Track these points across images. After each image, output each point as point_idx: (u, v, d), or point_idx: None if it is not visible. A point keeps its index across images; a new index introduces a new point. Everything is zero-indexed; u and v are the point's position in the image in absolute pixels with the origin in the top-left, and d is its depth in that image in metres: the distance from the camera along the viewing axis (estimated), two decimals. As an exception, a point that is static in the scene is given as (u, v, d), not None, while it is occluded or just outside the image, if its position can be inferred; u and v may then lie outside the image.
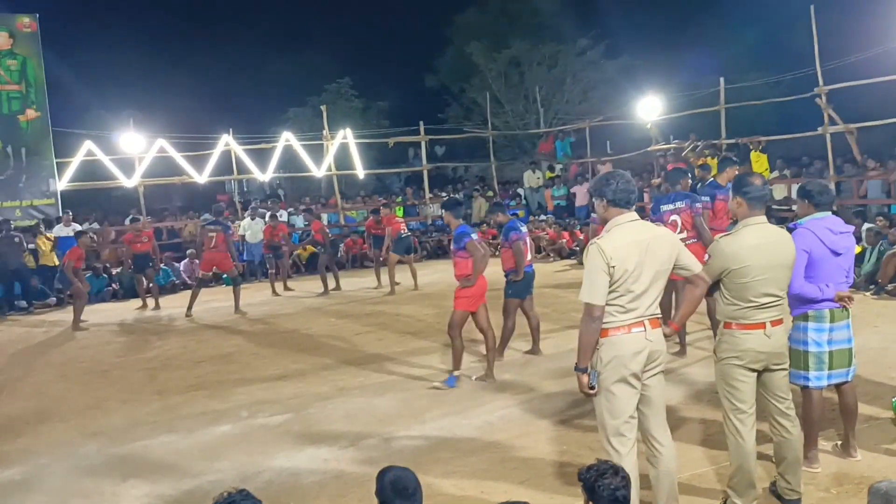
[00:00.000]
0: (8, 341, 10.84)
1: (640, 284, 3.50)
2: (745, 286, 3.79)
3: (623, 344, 3.52)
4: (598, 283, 3.49)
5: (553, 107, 23.48)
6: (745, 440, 3.84)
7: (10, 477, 5.35)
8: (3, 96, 16.00)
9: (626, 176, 3.68)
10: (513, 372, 7.12)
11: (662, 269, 3.58)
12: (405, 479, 2.87)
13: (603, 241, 3.55)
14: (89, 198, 18.86)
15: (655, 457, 3.69)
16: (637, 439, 3.63)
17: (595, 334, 3.53)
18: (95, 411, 6.89)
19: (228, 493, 2.58)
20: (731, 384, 3.87)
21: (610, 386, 3.55)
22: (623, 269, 3.47)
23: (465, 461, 4.98)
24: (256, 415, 6.36)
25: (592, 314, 3.51)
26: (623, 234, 3.56)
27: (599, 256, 3.48)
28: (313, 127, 21.03)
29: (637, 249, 3.50)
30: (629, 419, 3.57)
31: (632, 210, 3.66)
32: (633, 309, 3.51)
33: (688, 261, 3.69)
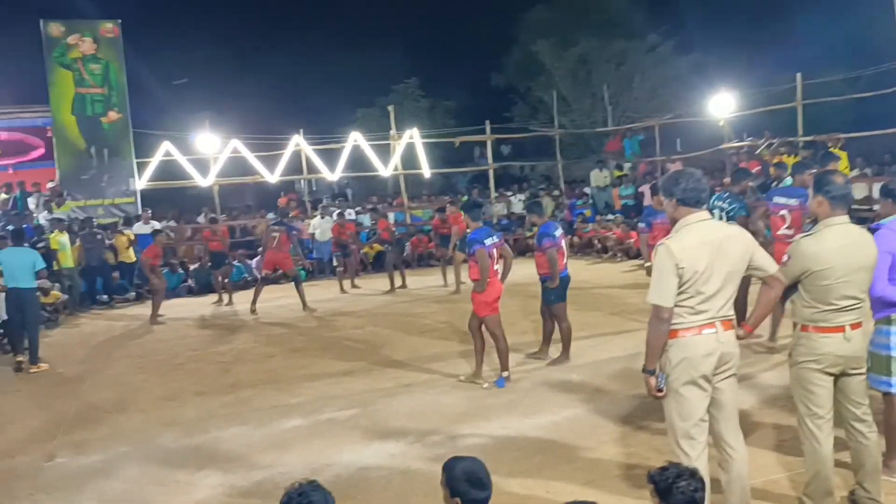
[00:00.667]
0: (90, 334, 11.34)
1: (710, 286, 3.41)
2: (826, 289, 3.64)
3: (693, 345, 3.44)
4: (666, 284, 3.41)
5: (621, 105, 23.08)
6: (821, 446, 3.71)
7: (92, 464, 5.59)
8: (87, 99, 16.76)
9: (697, 174, 3.58)
10: (579, 373, 7.04)
11: (735, 270, 3.48)
12: (478, 470, 2.84)
13: (672, 241, 3.47)
14: (166, 196, 19.53)
15: (727, 461, 3.59)
16: (708, 443, 3.54)
17: (663, 336, 3.46)
18: (171, 402, 7.14)
19: (300, 485, 2.63)
20: (808, 388, 3.73)
21: (679, 388, 3.47)
22: (693, 270, 3.39)
23: (531, 461, 4.96)
24: (324, 409, 6.48)
25: (660, 316, 3.44)
26: (693, 234, 3.47)
27: (668, 257, 3.41)
28: (381, 127, 21.26)
29: (708, 250, 3.41)
30: (699, 422, 3.49)
31: (702, 209, 3.57)
32: (703, 310, 3.43)
33: (763, 261, 3.57)
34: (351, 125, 22.08)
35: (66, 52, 16.59)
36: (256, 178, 18.56)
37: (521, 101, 25.06)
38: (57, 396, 7.68)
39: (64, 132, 16.66)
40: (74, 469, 5.51)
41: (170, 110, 21.50)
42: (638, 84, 23.23)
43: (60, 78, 16.59)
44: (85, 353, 9.80)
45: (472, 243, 6.73)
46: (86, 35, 16.73)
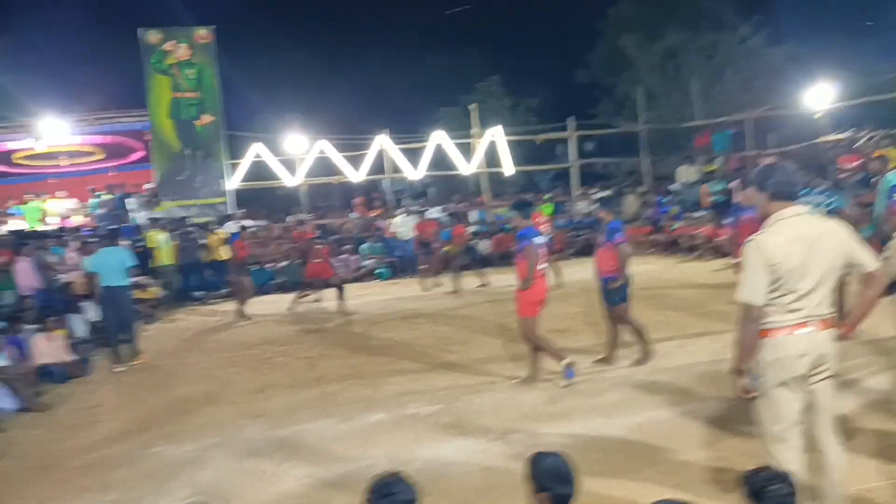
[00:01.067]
0: (185, 328, 11.85)
1: (805, 283, 3.24)
2: None
3: (786, 345, 3.28)
4: (756, 281, 3.27)
5: (711, 99, 22.34)
6: None
7: (184, 453, 5.82)
8: (182, 103, 17.53)
9: (790, 167, 3.43)
10: (664, 374, 6.84)
11: (832, 267, 3.30)
12: (564, 465, 2.82)
13: (763, 236, 3.32)
14: (256, 196, 20.22)
15: (823, 467, 3.40)
16: (803, 448, 3.37)
17: (753, 335, 3.31)
18: (259, 395, 7.37)
19: (385, 476, 2.66)
20: None
21: (771, 389, 3.32)
22: (786, 266, 3.23)
23: (613, 461, 4.86)
24: (407, 405, 6.53)
25: (751, 314, 3.29)
26: (786, 229, 3.30)
27: (758, 253, 3.26)
28: (463, 125, 21.33)
29: (802, 246, 3.25)
30: (792, 426, 3.32)
31: (796, 203, 3.39)
32: (797, 309, 3.26)
33: (862, 257, 3.37)
34: (434, 124, 22.24)
35: (163, 59, 17.41)
36: (341, 178, 18.96)
37: (605, 97, 24.62)
38: (152, 389, 8.05)
39: (161, 135, 17.49)
40: (168, 458, 5.75)
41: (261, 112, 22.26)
42: (729, 77, 22.41)
43: (158, 83, 17.41)
44: (179, 348, 10.24)
45: (520, 240, 6.70)
46: (181, 41, 17.50)
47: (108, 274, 9.13)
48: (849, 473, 3.54)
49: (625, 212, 19.02)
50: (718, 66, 22.42)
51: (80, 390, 8.23)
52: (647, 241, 17.17)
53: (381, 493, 2.58)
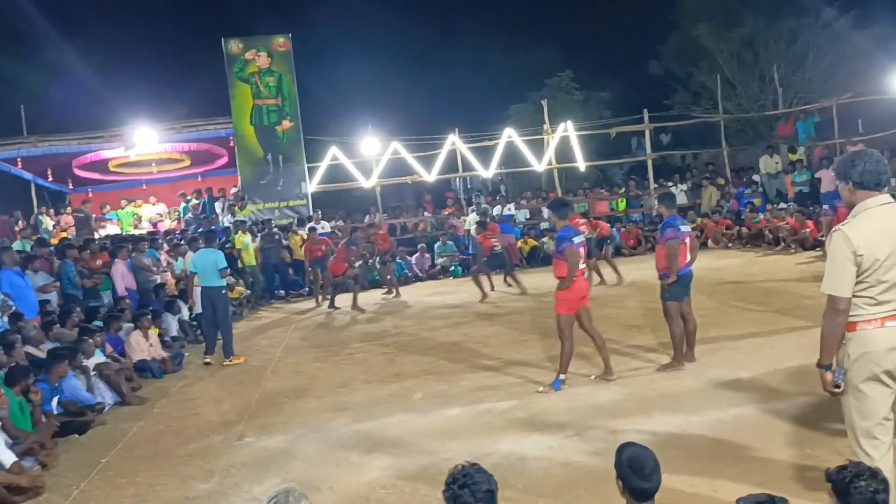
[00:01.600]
0: (271, 326, 12.30)
1: (893, 274, 3.17)
2: None
3: (874, 339, 3.21)
4: (842, 273, 3.21)
5: (793, 86, 21.55)
6: None
7: (276, 444, 6.11)
8: (263, 110, 18.14)
9: (876, 155, 3.34)
10: (749, 370, 6.73)
11: None
12: (644, 458, 2.87)
13: (848, 227, 3.26)
14: (334, 198, 20.71)
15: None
16: (893, 445, 3.30)
17: (840, 329, 3.26)
18: (343, 389, 7.62)
19: (463, 467, 2.76)
20: None
21: (859, 384, 3.26)
22: (873, 257, 3.16)
23: (697, 459, 4.82)
24: (483, 400, 6.64)
25: (837, 307, 3.24)
26: (873, 219, 3.24)
27: (844, 244, 3.21)
28: (534, 122, 21.26)
29: (889, 236, 3.18)
30: (883, 421, 3.25)
31: (883, 192, 3.31)
32: (886, 301, 3.19)
33: None
34: (504, 122, 22.27)
35: (245, 67, 18.05)
36: (415, 178, 19.22)
37: (681, 87, 24.07)
38: (243, 383, 8.42)
39: (244, 141, 18.14)
40: (261, 448, 6.04)
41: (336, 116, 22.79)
42: (811, 63, 21.56)
43: (240, 91, 18.07)
44: (266, 345, 10.64)
45: (560, 241, 6.72)
46: (261, 50, 18.11)
47: (205, 275, 9.58)
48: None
49: (703, 204, 18.61)
50: (800, 52, 21.59)
51: (175, 385, 8.69)
52: (728, 235, 16.76)
53: (462, 483, 2.68)
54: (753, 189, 18.60)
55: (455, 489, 2.68)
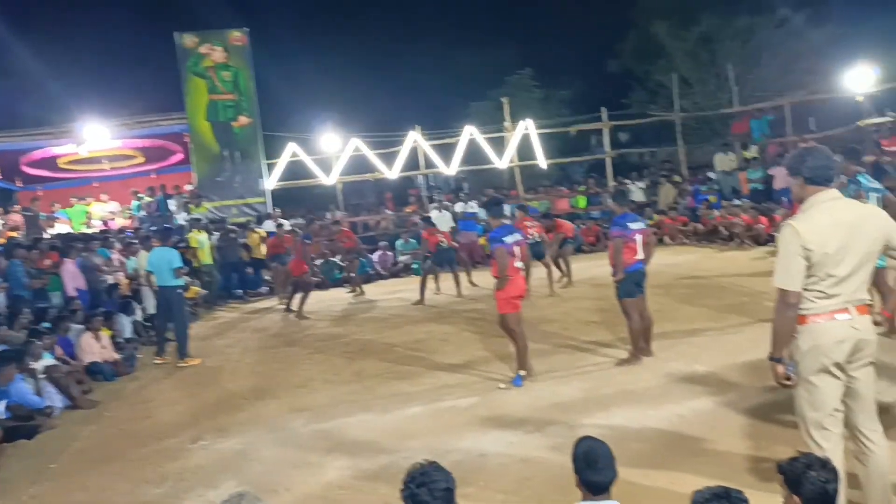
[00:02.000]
0: (228, 326, 12.10)
1: (843, 268, 3.23)
2: None
3: (824, 332, 3.27)
4: (792, 267, 3.26)
5: (748, 84, 21.95)
6: None
7: (232, 446, 6.00)
8: (219, 106, 17.85)
9: (825, 151, 3.40)
10: (705, 364, 6.82)
11: (870, 252, 3.27)
12: (597, 451, 2.88)
13: (798, 221, 3.31)
14: (294, 195, 20.49)
15: (865, 455, 3.39)
16: (844, 436, 3.36)
17: (790, 322, 3.30)
18: (302, 390, 7.53)
19: (421, 465, 2.73)
20: None
21: (810, 376, 3.31)
22: (822, 252, 3.21)
23: (653, 452, 4.88)
24: (444, 398, 6.62)
25: (787, 300, 3.29)
26: (822, 214, 3.29)
27: (794, 239, 3.26)
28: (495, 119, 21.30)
29: (838, 230, 3.23)
30: (833, 412, 3.31)
31: (832, 188, 3.37)
32: (835, 294, 3.25)
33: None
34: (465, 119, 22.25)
35: (200, 62, 17.73)
36: (376, 175, 19.11)
37: (638, 86, 24.36)
38: (199, 384, 8.26)
39: (200, 137, 17.83)
40: (216, 451, 5.93)
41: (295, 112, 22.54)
42: (766, 61, 22.00)
43: (195, 86, 17.75)
44: (223, 345, 10.46)
45: (492, 241, 6.81)
46: (216, 44, 17.80)
47: (160, 274, 9.38)
48: (892, 461, 3.51)
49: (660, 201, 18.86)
50: (755, 50, 22.01)
51: (128, 387, 8.49)
52: (684, 231, 17.01)
53: (420, 481, 2.65)
54: (709, 186, 18.89)
55: (413, 488, 2.65)
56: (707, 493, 2.51)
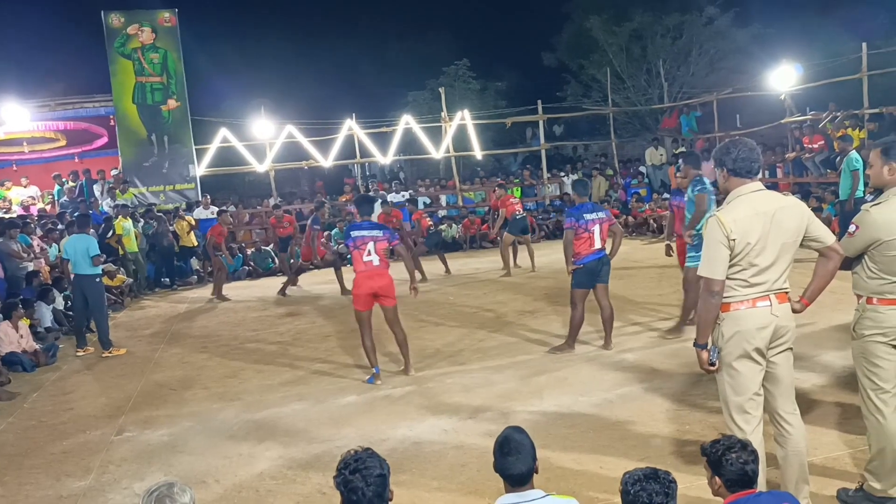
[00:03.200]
0: (155, 316, 11.75)
1: (764, 258, 3.34)
2: (894, 259, 3.54)
3: (746, 318, 3.38)
4: (717, 256, 3.36)
5: (678, 80, 22.55)
6: (886, 421, 3.62)
7: (159, 438, 5.83)
8: (147, 88, 17.23)
9: (749, 143, 3.50)
10: (634, 352, 7.00)
11: (790, 242, 3.40)
12: (509, 440, 2.86)
13: (722, 212, 3.41)
14: (225, 182, 20.02)
15: (783, 437, 3.53)
16: (764, 420, 3.49)
17: (714, 309, 3.41)
18: (233, 380, 7.38)
19: (355, 451, 2.71)
20: (873, 362, 3.64)
21: (732, 362, 3.43)
22: (745, 241, 3.32)
23: (584, 437, 4.98)
24: (379, 387, 6.60)
25: (711, 289, 3.39)
26: (745, 205, 3.39)
27: (718, 229, 3.36)
28: (432, 110, 21.29)
29: (761, 221, 3.34)
30: (754, 396, 3.44)
31: (755, 180, 3.48)
32: (757, 283, 3.37)
33: (820, 232, 3.48)
34: (402, 108, 22.17)
35: (127, 43, 17.08)
36: (311, 163, 18.84)
37: (573, 79, 24.69)
38: (123, 375, 7.99)
39: (126, 121, 17.20)
40: (142, 443, 5.75)
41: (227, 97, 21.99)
42: (695, 59, 22.63)
43: (121, 68, 17.09)
44: (150, 334, 10.16)
45: (345, 238, 6.87)
46: (144, 25, 17.17)
47: (76, 262, 9.03)
48: (809, 443, 3.67)
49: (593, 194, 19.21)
50: (685, 47, 22.59)
51: (49, 379, 8.15)
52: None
53: (353, 468, 2.63)
54: (640, 180, 19.37)
55: (346, 474, 2.63)
56: (637, 473, 2.57)
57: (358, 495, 2.58)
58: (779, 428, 3.55)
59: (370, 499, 2.59)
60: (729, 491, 2.69)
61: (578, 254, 6.92)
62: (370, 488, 2.59)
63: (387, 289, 6.70)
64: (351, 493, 2.59)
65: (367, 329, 6.78)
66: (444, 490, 4.40)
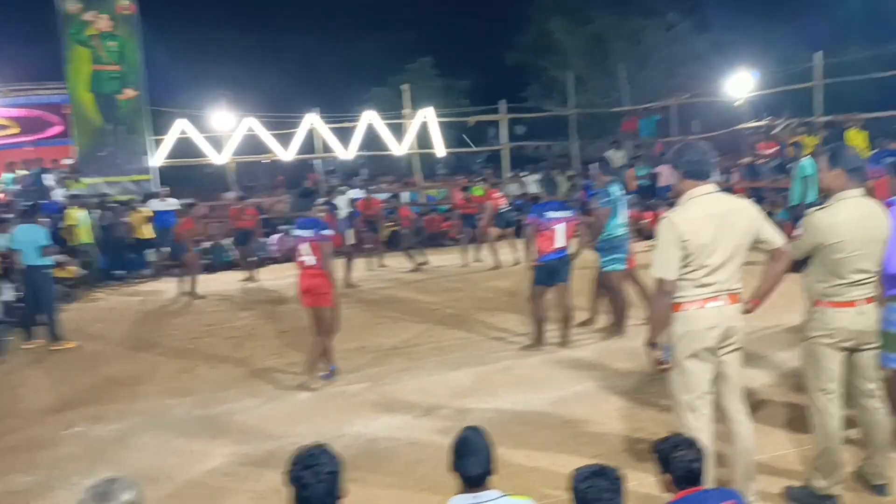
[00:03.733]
0: (107, 309, 11.51)
1: (715, 258, 3.42)
2: (839, 262, 3.64)
3: (697, 318, 3.45)
4: (669, 257, 3.43)
5: (638, 84, 22.88)
6: (831, 420, 3.73)
7: (109, 433, 5.72)
8: (103, 76, 16.81)
9: (703, 146, 3.59)
10: (590, 350, 7.09)
11: (741, 243, 3.48)
12: (467, 442, 2.89)
13: (675, 214, 3.48)
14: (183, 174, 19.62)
15: (732, 435, 3.62)
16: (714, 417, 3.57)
17: (666, 309, 3.48)
18: (186, 375, 7.27)
19: (308, 448, 2.69)
20: (819, 363, 3.74)
21: (683, 361, 3.50)
22: (697, 243, 3.39)
23: (538, 434, 5.02)
24: (334, 383, 6.56)
25: (663, 289, 3.46)
26: (697, 206, 3.47)
27: (671, 230, 3.42)
28: (395, 106, 21.20)
29: (712, 222, 3.41)
30: (703, 395, 3.51)
31: (708, 182, 3.55)
32: (708, 283, 3.44)
33: (769, 235, 3.56)
34: (365, 104, 22.05)
35: (83, 29, 16.63)
36: (271, 157, 18.61)
37: (535, 80, 24.89)
38: (73, 369, 7.81)
39: (81, 109, 16.78)
40: (92, 438, 5.64)
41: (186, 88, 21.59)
42: (655, 63, 22.97)
43: (77, 55, 16.66)
44: (102, 328, 9.95)
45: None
46: (102, 12, 16.75)
47: (26, 252, 8.79)
48: (756, 441, 3.77)
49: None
50: (645, 51, 22.91)
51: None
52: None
53: (305, 464, 2.61)
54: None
55: (298, 470, 2.61)
56: (585, 471, 2.61)
57: (309, 491, 2.57)
58: (728, 426, 3.64)
59: (321, 496, 2.58)
60: (677, 488, 2.75)
61: (540, 251, 7.00)
62: (321, 485, 2.57)
63: (318, 288, 6.41)
64: (302, 489, 2.57)
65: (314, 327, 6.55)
66: (398, 487, 4.41)
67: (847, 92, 16.31)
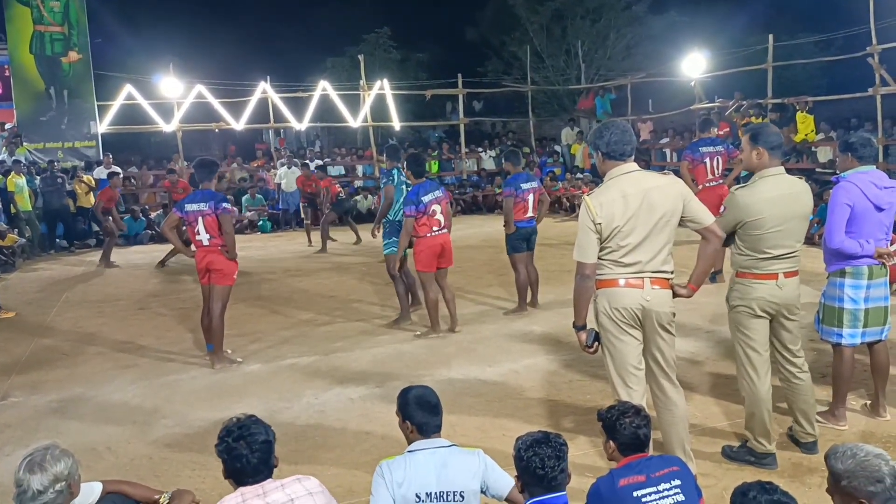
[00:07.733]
0: (48, 278, 11.14)
1: (633, 238, 3.39)
2: (759, 238, 3.73)
3: (619, 296, 3.46)
4: (586, 240, 3.43)
5: (595, 63, 22.93)
6: (758, 386, 3.83)
7: (47, 403, 5.54)
8: (46, 38, 16.16)
9: (623, 126, 3.53)
10: (541, 325, 7.11)
11: (663, 221, 3.41)
12: (428, 395, 2.92)
13: (592, 196, 3.47)
14: (130, 142, 19.09)
15: (665, 404, 3.64)
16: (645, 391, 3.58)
17: (588, 291, 3.50)
18: (129, 346, 7.08)
19: (238, 419, 2.64)
20: (744, 331, 3.86)
21: (610, 337, 3.53)
22: (612, 225, 3.37)
23: (489, 405, 5.03)
24: (285, 356, 6.47)
25: (583, 272, 3.47)
26: (615, 187, 3.43)
27: (586, 214, 3.43)
28: (351, 77, 20.90)
29: (629, 202, 3.37)
30: (634, 370, 3.52)
31: (628, 161, 3.50)
32: (629, 263, 3.43)
33: (696, 213, 3.49)
34: (320, 74, 21.66)
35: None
36: (221, 125, 18.16)
37: (494, 56, 24.73)
38: (10, 339, 7.54)
39: (22, 72, 16.12)
40: (29, 408, 5.45)
41: (133, 53, 20.90)
42: (612, 42, 23.04)
43: (18, 14, 15.96)
44: (42, 298, 9.62)
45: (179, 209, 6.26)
46: (45, -30, 16.07)
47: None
48: (691, 412, 3.80)
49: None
50: (603, 30, 22.96)
51: (-74, 342, 7.60)
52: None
53: (237, 435, 2.55)
54: (555, 158, 19.65)
55: (229, 441, 2.55)
56: (528, 439, 2.60)
57: (242, 462, 2.52)
58: (658, 399, 3.65)
59: (255, 465, 2.54)
60: (622, 455, 2.75)
61: (515, 219, 7.36)
62: (255, 454, 2.53)
63: (214, 264, 6.13)
64: (234, 460, 2.53)
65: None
66: (345, 459, 4.35)
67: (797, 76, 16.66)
